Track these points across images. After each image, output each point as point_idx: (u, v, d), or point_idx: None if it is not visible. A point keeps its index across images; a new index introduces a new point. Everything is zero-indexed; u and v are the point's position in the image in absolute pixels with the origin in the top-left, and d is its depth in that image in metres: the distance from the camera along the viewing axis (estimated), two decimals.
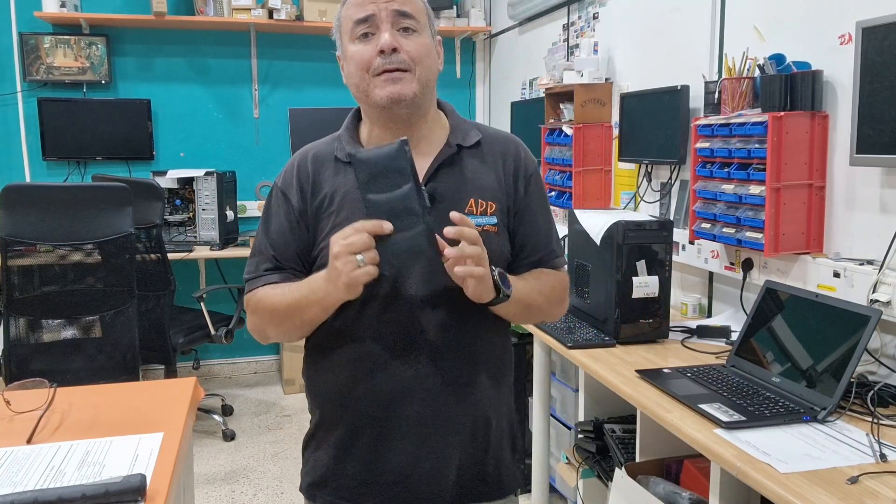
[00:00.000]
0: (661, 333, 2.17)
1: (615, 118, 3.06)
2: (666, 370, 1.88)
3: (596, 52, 3.24)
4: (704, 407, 1.60)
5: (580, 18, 3.46)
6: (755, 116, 2.07)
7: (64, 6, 4.00)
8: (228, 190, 4.25)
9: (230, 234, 4.25)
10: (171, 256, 3.48)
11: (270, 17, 4.28)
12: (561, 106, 3.37)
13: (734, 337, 2.07)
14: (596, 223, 2.21)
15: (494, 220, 1.25)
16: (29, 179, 4.21)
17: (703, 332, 2.21)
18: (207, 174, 4.12)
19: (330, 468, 1.28)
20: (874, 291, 1.75)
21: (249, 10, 4.23)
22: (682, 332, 2.24)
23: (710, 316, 2.53)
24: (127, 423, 1.36)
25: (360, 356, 1.23)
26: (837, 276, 1.90)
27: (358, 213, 1.16)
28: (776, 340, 1.80)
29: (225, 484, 3.22)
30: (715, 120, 2.24)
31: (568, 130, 3.17)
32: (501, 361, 1.33)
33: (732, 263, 2.33)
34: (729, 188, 2.16)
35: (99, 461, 1.18)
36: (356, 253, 1.07)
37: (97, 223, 2.78)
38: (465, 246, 1.09)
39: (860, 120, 1.76)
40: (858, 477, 1.29)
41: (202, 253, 4.08)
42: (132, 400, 1.51)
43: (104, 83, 4.25)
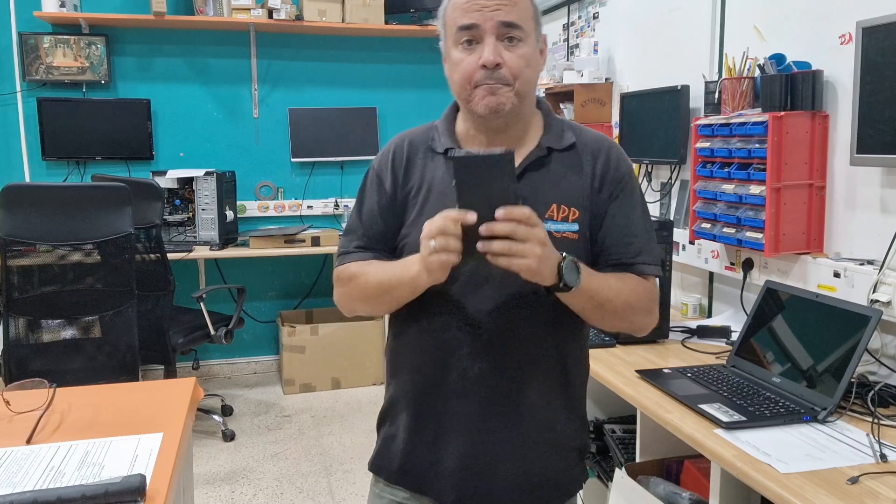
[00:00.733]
0: (661, 333, 2.16)
1: (615, 118, 3.06)
2: (666, 370, 1.88)
3: (596, 51, 3.24)
4: (704, 407, 1.60)
5: (580, 18, 3.46)
6: (755, 116, 2.07)
7: (63, 6, 4.00)
8: (228, 190, 4.25)
9: (230, 234, 4.24)
10: (170, 256, 3.48)
11: (270, 16, 4.28)
12: (561, 106, 3.37)
13: (734, 337, 2.07)
14: None
15: (576, 226, 1.23)
16: (28, 179, 4.21)
17: (703, 332, 2.21)
18: (207, 174, 4.12)
19: (397, 446, 1.31)
20: (874, 291, 1.75)
21: (249, 9, 4.23)
22: (682, 332, 2.24)
23: (710, 316, 2.53)
24: (126, 423, 1.36)
25: (432, 346, 1.25)
26: (838, 276, 1.90)
27: (441, 205, 1.17)
28: (776, 340, 1.80)
29: (225, 484, 3.22)
30: (715, 120, 2.24)
31: None
32: (572, 360, 1.31)
33: (733, 263, 2.33)
34: (729, 188, 2.16)
35: (98, 461, 1.18)
36: (433, 237, 1.08)
37: (97, 223, 2.78)
38: (493, 243, 1.06)
39: (860, 120, 1.76)
40: (859, 477, 1.28)
41: (202, 253, 4.08)
42: (132, 400, 1.51)
43: (104, 83, 4.25)
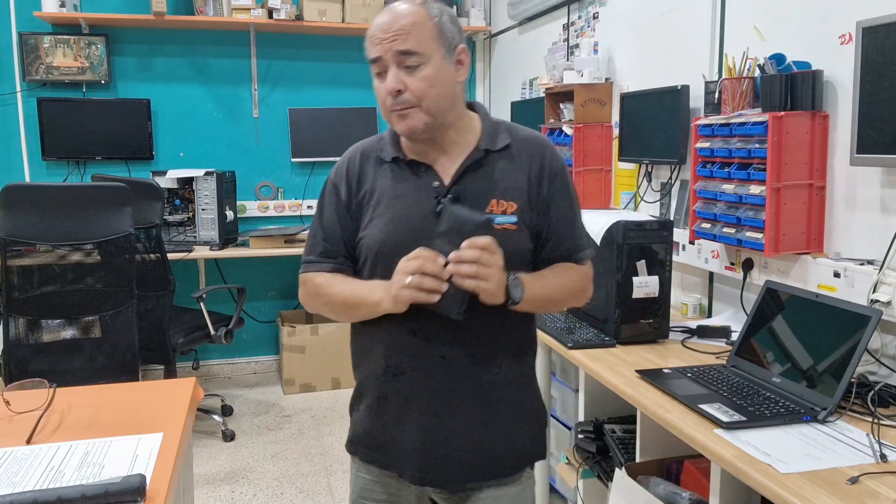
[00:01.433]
0: (661, 333, 2.16)
1: (615, 118, 3.06)
2: (666, 370, 1.88)
3: (596, 51, 3.24)
4: (705, 407, 1.60)
5: (580, 18, 3.46)
6: (755, 116, 2.07)
7: (63, 6, 4.00)
8: (228, 190, 4.25)
9: (230, 234, 4.24)
10: (170, 256, 3.48)
11: (270, 16, 4.28)
12: (561, 106, 3.37)
13: (734, 337, 2.07)
14: (596, 223, 2.21)
15: (514, 218, 1.35)
16: (28, 179, 4.21)
17: (703, 332, 2.21)
18: (207, 174, 4.12)
19: (365, 429, 1.44)
20: (874, 291, 1.75)
21: (249, 9, 4.23)
22: (682, 332, 2.24)
23: (710, 316, 2.53)
24: (126, 423, 1.36)
25: (392, 336, 1.37)
26: (838, 276, 1.90)
27: (391, 208, 1.36)
28: (776, 340, 1.80)
29: (225, 484, 3.22)
30: (715, 120, 2.24)
31: (568, 130, 3.17)
32: (522, 343, 1.44)
33: (733, 263, 2.33)
34: (729, 188, 2.16)
35: (98, 461, 1.18)
36: (411, 273, 1.24)
37: (97, 223, 2.78)
38: (461, 266, 1.23)
39: (860, 120, 1.76)
40: (859, 477, 1.28)
41: (202, 253, 4.08)
42: (132, 400, 1.51)
43: (104, 83, 4.25)
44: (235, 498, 3.10)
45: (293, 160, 4.61)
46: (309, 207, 4.60)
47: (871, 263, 1.83)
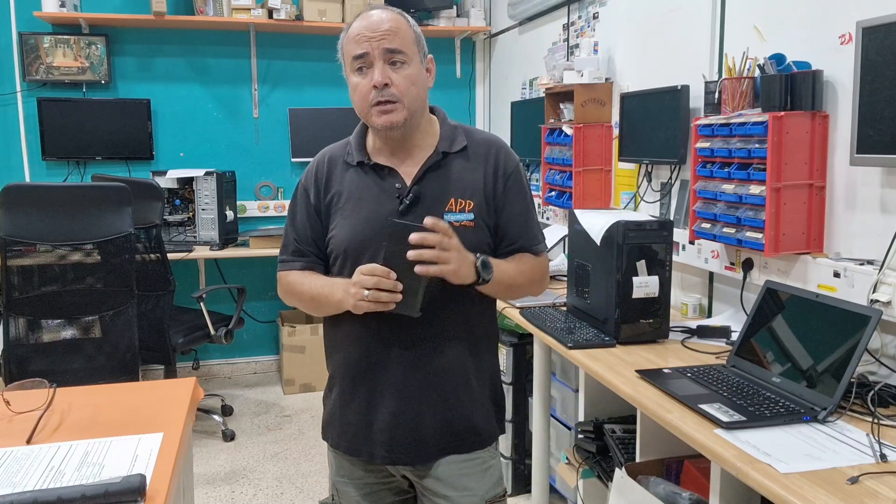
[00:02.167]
0: (661, 333, 2.16)
1: (615, 118, 3.06)
2: (666, 370, 1.88)
3: (596, 51, 3.24)
4: (704, 407, 1.60)
5: (580, 18, 3.46)
6: (755, 116, 2.07)
7: (63, 6, 4.00)
8: (228, 190, 4.25)
9: (230, 234, 4.24)
10: (170, 256, 3.48)
11: (270, 16, 4.28)
12: (561, 106, 3.37)
13: (734, 337, 2.07)
14: (596, 223, 2.21)
15: (471, 216, 1.46)
16: (28, 179, 4.21)
17: (703, 332, 2.21)
18: (207, 174, 4.12)
19: (336, 415, 1.55)
20: (874, 291, 1.75)
21: (249, 9, 4.23)
22: (682, 332, 2.24)
23: (710, 316, 2.53)
24: (126, 423, 1.36)
25: (359, 329, 1.46)
26: (838, 276, 1.90)
27: (357, 208, 1.46)
28: (776, 340, 1.80)
29: (225, 484, 3.22)
30: (715, 120, 2.24)
31: (568, 130, 3.17)
32: (481, 334, 1.54)
33: (732, 263, 2.33)
34: (729, 188, 2.16)
35: (98, 461, 1.18)
36: (367, 288, 1.33)
37: (97, 223, 2.78)
38: (424, 252, 1.31)
39: (860, 120, 1.76)
40: (859, 477, 1.28)
41: (202, 253, 4.08)
42: (132, 400, 1.51)
43: (104, 83, 4.25)
44: (235, 498, 3.10)
45: (293, 160, 4.61)
46: None
47: (871, 263, 1.83)
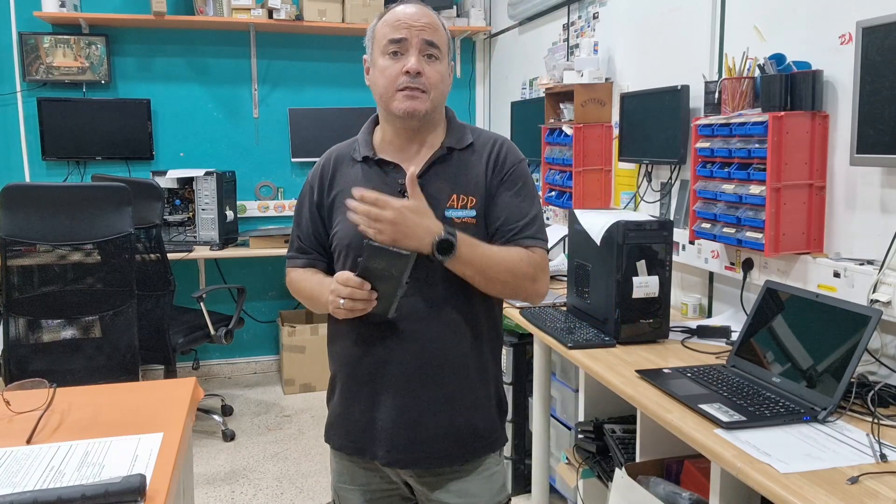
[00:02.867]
0: (661, 333, 2.16)
1: (615, 118, 3.06)
2: (666, 370, 1.88)
3: (596, 51, 3.24)
4: (704, 407, 1.60)
5: (580, 18, 3.46)
6: (755, 116, 2.07)
7: (63, 6, 4.00)
8: (228, 190, 4.25)
9: (230, 234, 4.24)
10: (170, 256, 3.48)
11: (270, 16, 4.28)
12: (561, 106, 3.37)
13: (734, 337, 2.07)
14: (596, 223, 2.21)
15: (473, 213, 1.44)
16: (28, 179, 4.21)
17: (703, 332, 2.21)
18: (207, 174, 4.12)
19: (340, 415, 1.52)
20: (874, 291, 1.75)
21: (249, 9, 4.23)
22: (682, 332, 2.24)
23: (710, 316, 2.53)
24: (126, 423, 1.36)
25: (361, 327, 1.44)
26: (838, 276, 1.90)
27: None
28: (776, 340, 1.79)
29: (225, 484, 3.22)
30: (715, 120, 2.24)
31: (568, 130, 3.17)
32: (483, 330, 1.50)
33: (732, 263, 2.33)
34: (729, 188, 2.16)
35: (98, 461, 1.18)
36: (342, 298, 1.34)
37: (97, 223, 2.78)
38: (356, 217, 1.33)
39: (860, 120, 1.76)
40: (859, 477, 1.28)
41: (202, 253, 4.08)
42: (132, 400, 1.51)
43: (104, 83, 4.25)
44: (235, 498, 3.10)
45: (293, 160, 4.61)
46: None
47: (871, 263, 1.83)
